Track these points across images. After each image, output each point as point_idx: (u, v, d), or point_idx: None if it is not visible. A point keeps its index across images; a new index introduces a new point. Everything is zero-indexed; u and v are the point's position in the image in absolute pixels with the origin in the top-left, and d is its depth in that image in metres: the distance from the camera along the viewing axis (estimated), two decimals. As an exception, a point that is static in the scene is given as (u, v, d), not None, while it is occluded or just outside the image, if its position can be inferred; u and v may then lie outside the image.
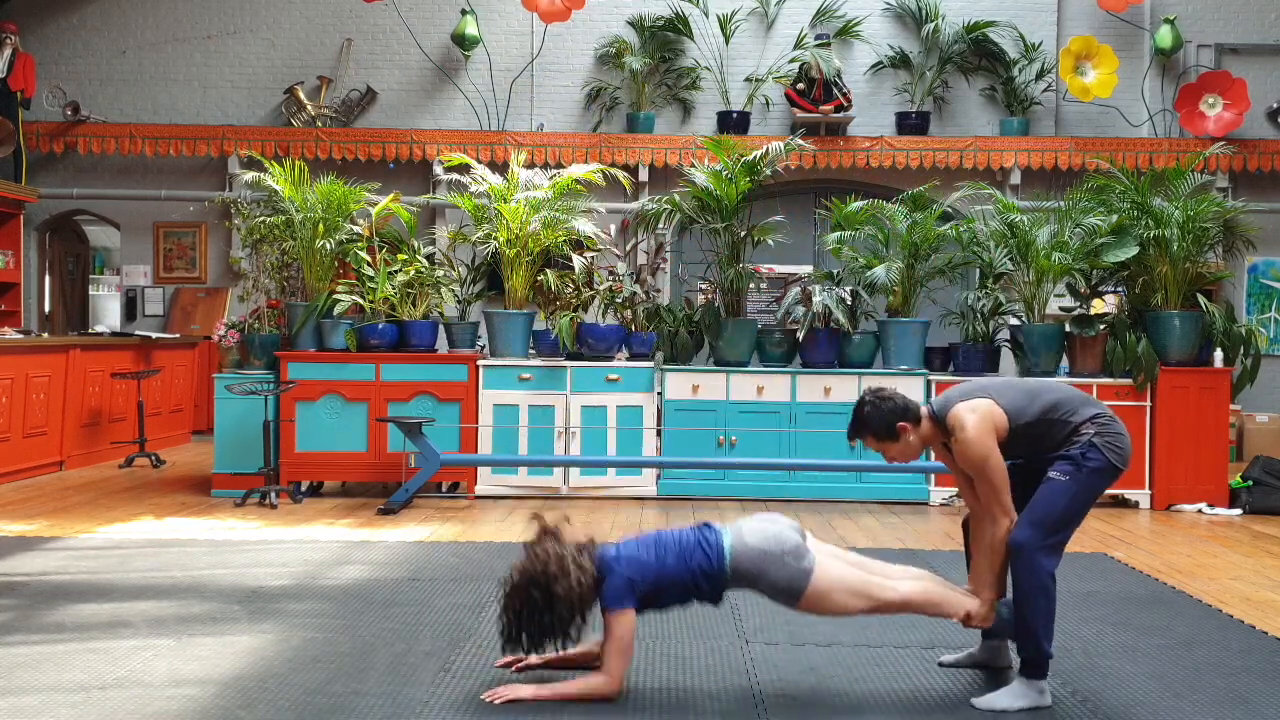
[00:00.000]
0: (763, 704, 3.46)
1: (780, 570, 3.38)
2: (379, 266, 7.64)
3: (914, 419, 3.62)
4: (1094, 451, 3.47)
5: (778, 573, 3.38)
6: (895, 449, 3.63)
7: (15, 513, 6.80)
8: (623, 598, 3.38)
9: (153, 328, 11.45)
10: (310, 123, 11.59)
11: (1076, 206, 7.74)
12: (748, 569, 3.41)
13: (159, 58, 11.94)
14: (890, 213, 7.82)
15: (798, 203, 11.33)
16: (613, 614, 3.39)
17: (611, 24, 11.72)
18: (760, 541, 3.42)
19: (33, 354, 8.38)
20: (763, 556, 3.39)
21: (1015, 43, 11.56)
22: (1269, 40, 11.77)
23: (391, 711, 3.33)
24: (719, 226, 7.71)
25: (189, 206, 11.59)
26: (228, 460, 7.53)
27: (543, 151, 11.16)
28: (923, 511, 7.36)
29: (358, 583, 5.03)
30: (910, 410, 3.63)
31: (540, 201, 7.67)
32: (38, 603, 4.57)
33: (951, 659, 3.88)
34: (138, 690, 3.50)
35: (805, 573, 3.38)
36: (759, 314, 8.65)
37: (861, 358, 7.75)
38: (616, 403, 7.61)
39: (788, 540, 3.42)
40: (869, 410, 3.63)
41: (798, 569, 3.38)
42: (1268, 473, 7.53)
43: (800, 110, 11.25)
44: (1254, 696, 3.60)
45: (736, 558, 3.41)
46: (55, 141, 11.56)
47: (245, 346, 7.63)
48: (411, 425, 7.04)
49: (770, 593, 3.45)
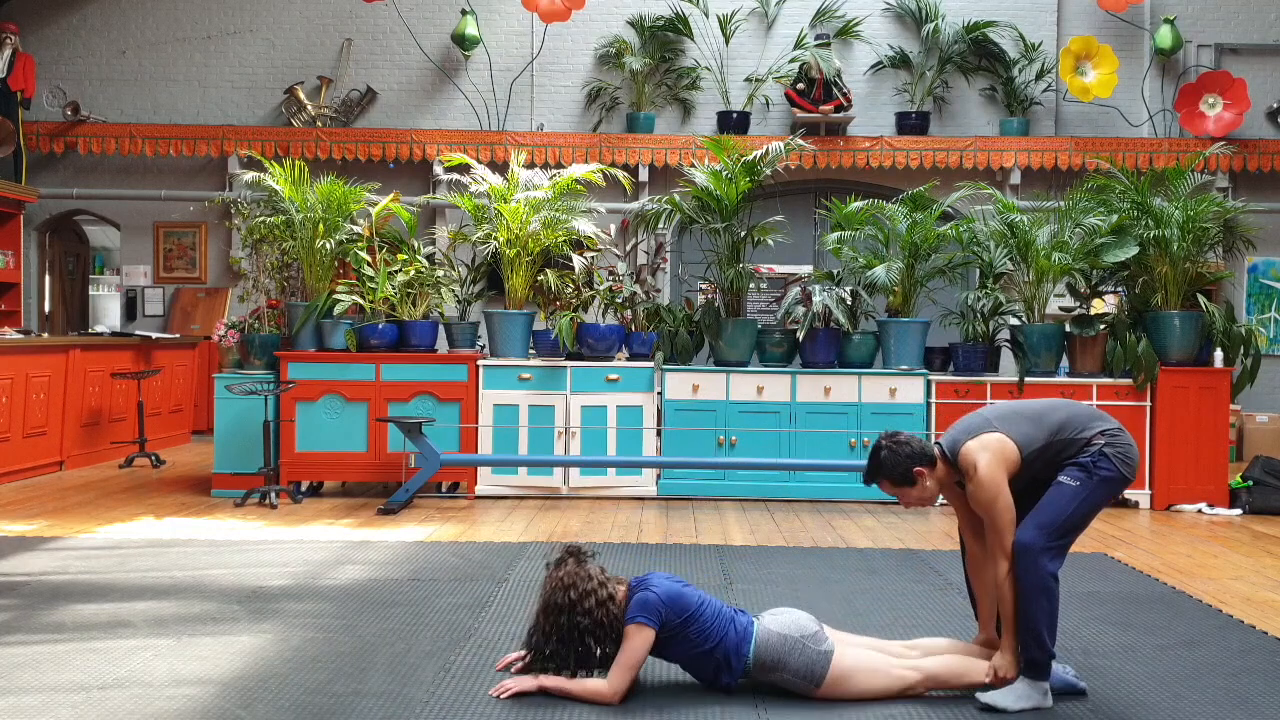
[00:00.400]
0: (763, 704, 3.45)
1: (801, 655, 3.45)
2: (379, 266, 7.64)
3: (930, 462, 3.57)
4: (1105, 461, 3.47)
5: (799, 658, 3.45)
6: (913, 494, 3.58)
7: (15, 513, 6.80)
8: (649, 615, 3.42)
9: (153, 328, 11.45)
10: (310, 123, 11.59)
11: (1076, 206, 7.73)
12: (770, 656, 3.47)
13: (159, 58, 11.94)
14: (890, 213, 7.82)
15: (798, 203, 11.33)
16: (633, 625, 3.42)
17: (611, 24, 11.72)
18: (781, 627, 3.50)
19: (33, 354, 8.38)
20: (783, 641, 3.47)
21: (1015, 43, 11.56)
22: (1269, 40, 11.77)
23: (391, 711, 3.33)
24: (719, 226, 7.71)
25: (189, 206, 11.59)
26: (228, 460, 7.53)
27: (543, 151, 11.16)
28: (923, 511, 7.35)
29: (357, 583, 5.03)
30: (926, 454, 3.57)
31: (540, 201, 7.67)
32: (38, 603, 4.57)
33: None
34: (138, 690, 3.50)
35: (825, 655, 3.46)
36: (759, 314, 8.65)
37: (861, 358, 7.75)
38: (616, 403, 7.61)
39: (807, 627, 3.51)
40: (885, 455, 3.57)
41: (817, 653, 3.46)
42: (1268, 473, 7.53)
43: (800, 110, 11.24)
44: (1254, 696, 3.60)
45: (760, 644, 3.48)
46: (55, 141, 11.56)
47: (245, 346, 7.63)
48: (411, 425, 7.04)
49: (793, 679, 3.47)
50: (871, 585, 5.11)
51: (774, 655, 3.46)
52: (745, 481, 7.61)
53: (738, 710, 3.40)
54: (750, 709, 3.41)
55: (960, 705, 3.48)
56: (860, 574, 5.35)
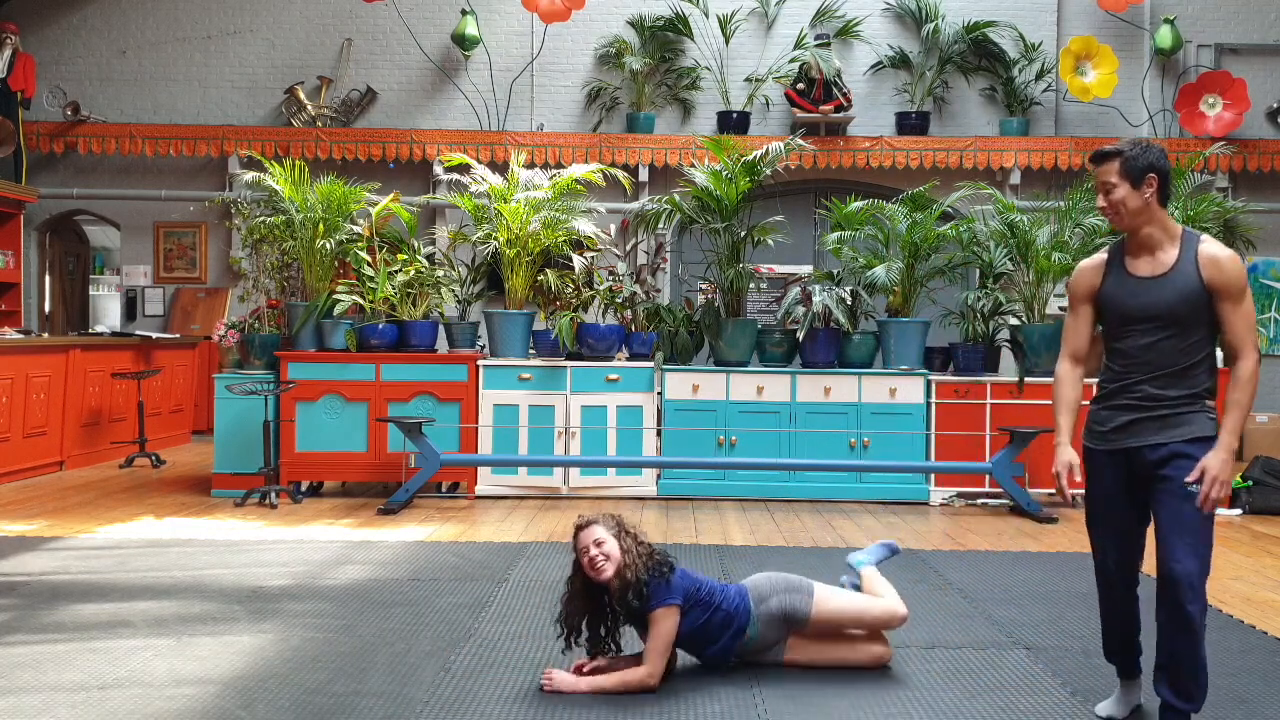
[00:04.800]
0: (763, 703, 3.46)
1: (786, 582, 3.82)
2: (379, 266, 7.64)
3: (1164, 188, 3.14)
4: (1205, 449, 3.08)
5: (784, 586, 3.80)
6: (1123, 194, 3.13)
7: (15, 513, 6.80)
8: (674, 595, 3.56)
9: (153, 328, 11.45)
10: (310, 123, 11.59)
11: (1076, 206, 7.74)
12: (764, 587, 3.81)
13: (159, 58, 11.94)
14: (890, 213, 7.82)
15: (798, 203, 11.33)
16: (661, 610, 3.54)
17: (611, 24, 11.72)
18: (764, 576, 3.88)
19: (33, 354, 8.38)
20: (768, 578, 3.86)
21: (1015, 43, 11.56)
22: (1269, 40, 11.76)
23: (391, 711, 3.33)
24: (719, 226, 7.71)
25: (189, 206, 11.59)
26: (228, 460, 7.53)
27: (543, 151, 11.16)
28: (923, 511, 7.35)
29: (358, 583, 5.03)
30: (1164, 171, 3.14)
31: (540, 201, 7.67)
32: (38, 603, 4.57)
33: (1108, 710, 3.44)
34: (138, 690, 3.50)
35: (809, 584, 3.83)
36: (759, 314, 8.65)
37: (861, 358, 7.75)
38: (616, 403, 7.61)
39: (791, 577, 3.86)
40: (1138, 148, 3.17)
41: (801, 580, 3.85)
42: (1268, 473, 7.53)
43: (800, 110, 11.24)
44: (1254, 696, 3.60)
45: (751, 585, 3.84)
46: (55, 141, 11.55)
47: (245, 346, 7.63)
48: (411, 425, 7.03)
49: (788, 598, 3.76)
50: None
51: (766, 586, 3.79)
52: (745, 481, 7.61)
53: (738, 710, 3.40)
54: (750, 709, 3.42)
55: (965, 700, 3.48)
56: (860, 574, 5.34)
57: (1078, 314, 3.33)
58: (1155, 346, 3.12)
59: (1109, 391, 3.23)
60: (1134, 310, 3.15)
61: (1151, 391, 3.14)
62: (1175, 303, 3.10)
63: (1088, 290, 3.29)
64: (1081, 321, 3.32)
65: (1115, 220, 3.18)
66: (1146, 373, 3.14)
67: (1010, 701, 3.52)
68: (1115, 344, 3.22)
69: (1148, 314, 3.13)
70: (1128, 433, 3.17)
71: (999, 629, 4.37)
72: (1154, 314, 3.12)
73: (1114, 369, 3.22)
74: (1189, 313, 3.09)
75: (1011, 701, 3.52)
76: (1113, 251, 3.28)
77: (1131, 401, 3.17)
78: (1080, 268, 3.34)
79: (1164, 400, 3.13)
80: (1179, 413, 3.13)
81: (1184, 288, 3.09)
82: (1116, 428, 3.19)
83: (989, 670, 3.84)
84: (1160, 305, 3.11)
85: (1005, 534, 6.55)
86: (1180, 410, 3.13)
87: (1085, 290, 3.29)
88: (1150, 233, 3.16)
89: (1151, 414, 3.15)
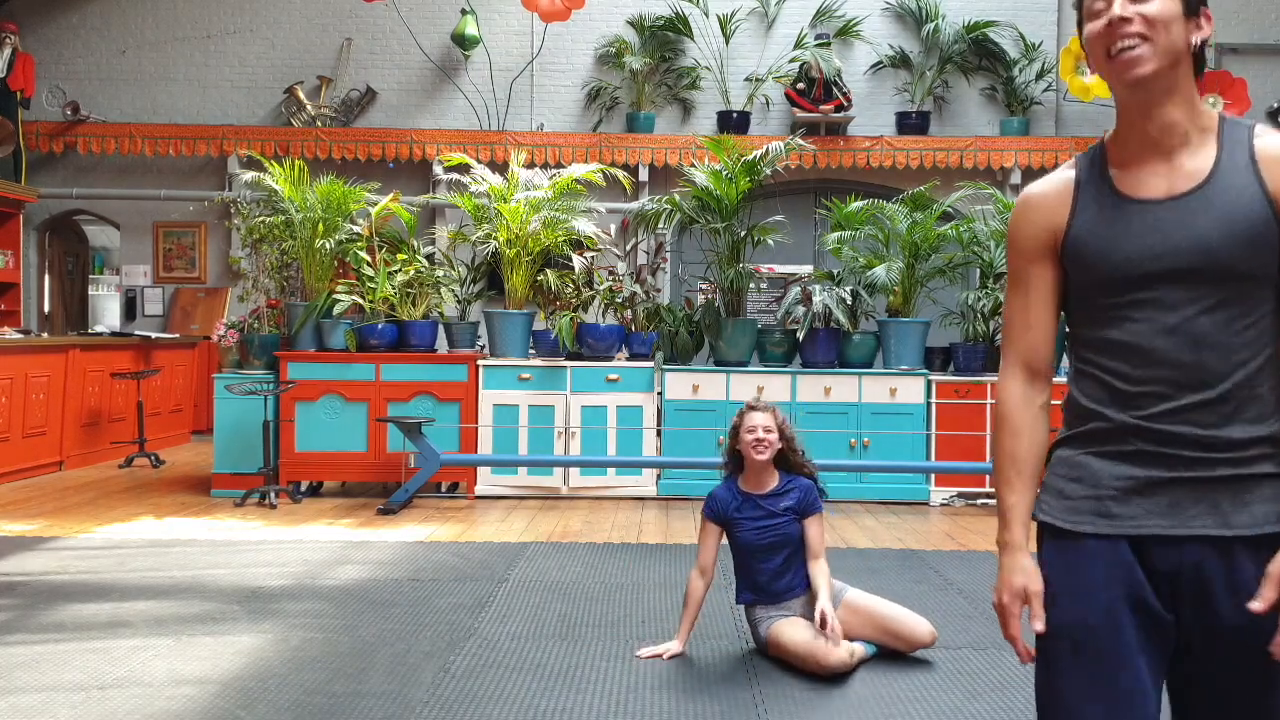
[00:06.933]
0: (763, 703, 3.45)
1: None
2: (379, 266, 7.63)
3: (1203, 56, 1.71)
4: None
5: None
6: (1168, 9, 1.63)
7: (15, 513, 6.80)
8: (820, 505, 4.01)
9: (152, 328, 11.45)
10: (310, 122, 11.59)
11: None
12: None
13: (159, 58, 11.94)
14: (890, 213, 7.82)
15: (798, 203, 11.33)
16: (818, 515, 3.96)
17: (611, 24, 11.72)
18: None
19: (33, 354, 8.37)
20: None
21: (1015, 42, 11.56)
22: (1269, 40, 11.77)
23: (391, 711, 3.33)
24: (719, 226, 7.70)
25: (189, 206, 11.58)
26: (227, 460, 7.52)
27: (543, 151, 11.15)
28: (923, 511, 7.35)
29: (357, 583, 5.03)
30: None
31: (540, 201, 7.67)
32: (38, 603, 4.57)
33: None
34: (138, 690, 3.50)
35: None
36: (759, 314, 8.64)
37: (861, 358, 7.74)
38: (616, 403, 7.60)
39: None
40: None
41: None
42: (1268, 473, 7.47)
43: (800, 110, 11.24)
44: (1254, 696, 3.59)
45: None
46: (55, 141, 11.55)
47: (245, 346, 7.62)
48: (411, 425, 7.03)
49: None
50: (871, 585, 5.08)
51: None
52: (745, 481, 7.59)
53: (738, 710, 3.40)
54: (750, 709, 3.41)
55: (966, 701, 3.48)
56: (860, 574, 5.33)
57: (1028, 286, 1.83)
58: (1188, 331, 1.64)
59: (1099, 430, 1.72)
60: (1140, 262, 1.66)
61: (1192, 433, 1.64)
62: (1221, 240, 1.62)
63: (1045, 238, 1.78)
64: (1035, 300, 1.83)
65: (1127, 63, 1.64)
66: (1175, 387, 1.64)
67: (1011, 701, 3.51)
68: (1106, 333, 1.72)
69: (1168, 267, 1.65)
70: (1143, 507, 1.67)
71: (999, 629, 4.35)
72: (1182, 265, 1.64)
73: (1105, 383, 1.71)
74: (1249, 258, 1.62)
75: (1012, 701, 3.51)
76: (1084, 166, 1.78)
77: (1149, 448, 1.66)
78: (1025, 201, 1.82)
79: (1216, 444, 1.63)
80: (1250, 472, 1.64)
81: (1235, 210, 1.63)
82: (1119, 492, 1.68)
83: (989, 671, 3.83)
84: (1193, 246, 1.64)
85: (1005, 534, 6.54)
86: (1253, 465, 1.64)
87: (1039, 239, 1.78)
88: (1171, 116, 1.68)
89: (1192, 475, 1.64)
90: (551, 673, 3.72)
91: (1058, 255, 1.77)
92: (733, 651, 4.02)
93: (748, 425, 3.93)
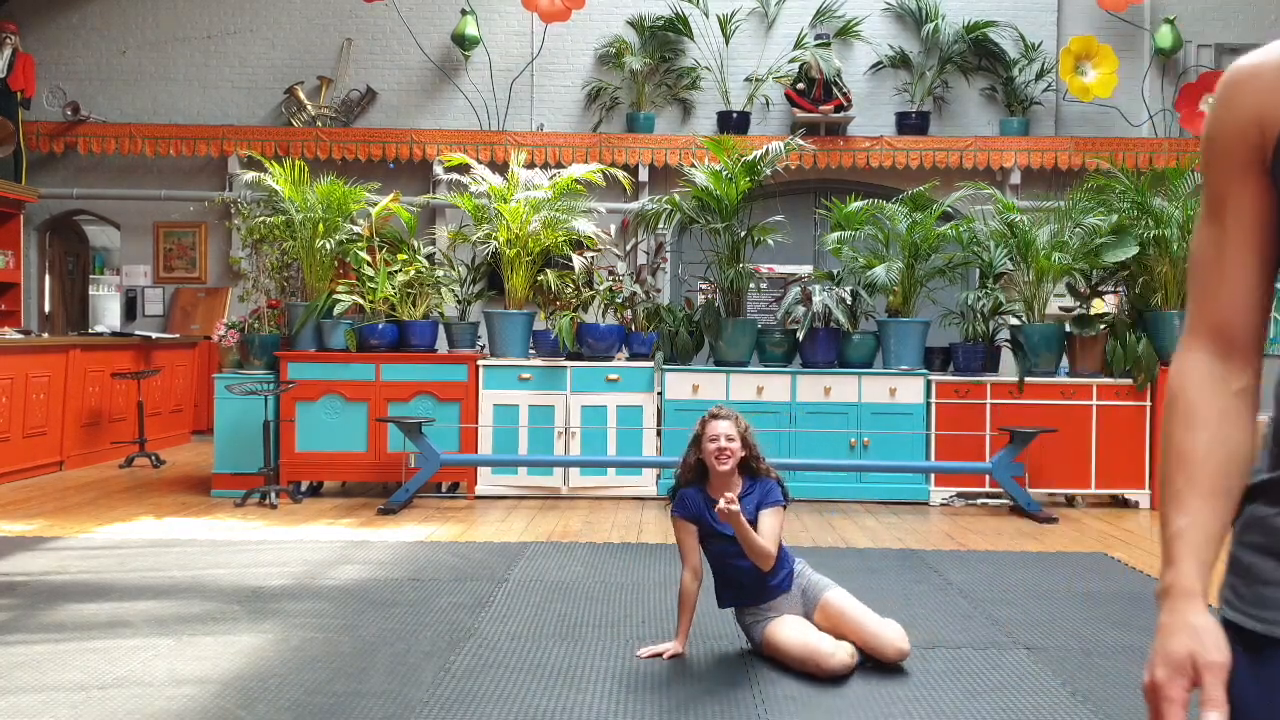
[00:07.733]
0: (763, 703, 3.46)
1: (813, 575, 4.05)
2: (379, 266, 7.64)
3: None
4: None
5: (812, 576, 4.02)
6: None
7: (15, 513, 6.80)
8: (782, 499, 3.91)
9: (153, 328, 11.45)
10: (310, 123, 11.59)
11: (1076, 206, 7.73)
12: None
13: (159, 58, 11.94)
14: (890, 213, 7.82)
15: (798, 203, 11.32)
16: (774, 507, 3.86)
17: (611, 24, 11.72)
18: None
19: (33, 354, 8.37)
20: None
21: (1015, 43, 11.56)
22: (1269, 40, 11.74)
23: (391, 711, 3.33)
24: (719, 226, 7.70)
25: (189, 206, 11.59)
26: (228, 460, 7.53)
27: (543, 151, 11.15)
28: (923, 511, 7.35)
29: (358, 583, 5.03)
30: None
31: (540, 201, 7.67)
32: (38, 603, 4.57)
33: None
34: (138, 690, 3.50)
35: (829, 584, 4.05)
36: (759, 314, 8.65)
37: (861, 358, 7.74)
38: (616, 403, 7.61)
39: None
40: None
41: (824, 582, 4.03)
42: (1268, 473, 7.47)
43: (800, 110, 11.24)
44: (1254, 696, 3.59)
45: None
46: (55, 141, 11.55)
47: (245, 346, 7.62)
48: (411, 425, 7.03)
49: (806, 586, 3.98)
50: (871, 585, 5.10)
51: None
52: (745, 481, 7.59)
53: (738, 710, 3.40)
54: (750, 709, 3.42)
55: (966, 700, 3.48)
56: (860, 574, 5.34)
57: (1225, 215, 1.23)
58: None
59: None
60: None
61: None
62: None
63: (1255, 137, 1.19)
64: (1235, 237, 1.22)
65: None
66: None
67: (1011, 701, 3.51)
68: None
69: None
70: None
71: (999, 629, 4.37)
72: None
73: None
74: None
75: (1012, 701, 3.51)
76: None
77: None
78: (1233, 78, 1.26)
79: None
80: None
81: None
82: None
83: (989, 670, 3.83)
84: None
85: (1005, 534, 6.55)
86: None
87: (1247, 138, 1.19)
88: None
89: None
90: (551, 673, 3.72)
91: (1268, 166, 1.13)
92: (732, 651, 4.01)
93: (710, 434, 3.83)
